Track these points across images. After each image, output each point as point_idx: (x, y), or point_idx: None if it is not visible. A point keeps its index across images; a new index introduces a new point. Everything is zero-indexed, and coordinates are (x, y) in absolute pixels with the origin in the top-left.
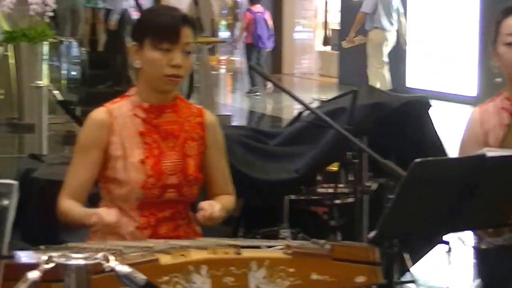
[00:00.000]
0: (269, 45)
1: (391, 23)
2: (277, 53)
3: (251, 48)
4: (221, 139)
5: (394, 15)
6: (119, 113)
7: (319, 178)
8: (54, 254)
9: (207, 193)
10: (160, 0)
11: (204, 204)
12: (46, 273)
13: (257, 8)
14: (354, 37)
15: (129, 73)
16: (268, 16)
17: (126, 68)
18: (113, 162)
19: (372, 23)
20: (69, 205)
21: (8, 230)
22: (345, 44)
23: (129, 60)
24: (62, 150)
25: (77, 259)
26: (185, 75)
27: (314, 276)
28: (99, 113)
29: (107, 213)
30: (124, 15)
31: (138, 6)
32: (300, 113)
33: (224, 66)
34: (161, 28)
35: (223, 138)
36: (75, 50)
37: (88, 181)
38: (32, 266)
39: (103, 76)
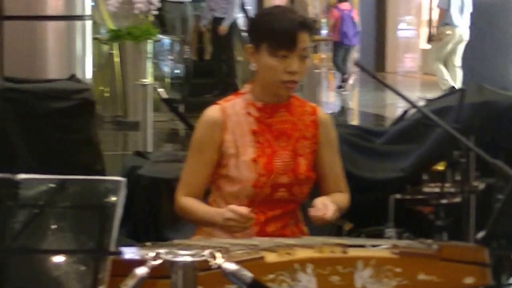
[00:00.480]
0: (355, 42)
1: (461, 19)
2: (380, 51)
3: (338, 46)
4: (334, 137)
5: (466, 12)
6: (232, 111)
7: (425, 177)
8: (161, 250)
9: (320, 191)
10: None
11: (319, 203)
12: (153, 269)
13: (344, 5)
14: (439, 33)
15: (236, 82)
16: (355, 14)
17: (233, 77)
18: (226, 159)
19: (444, 19)
20: (192, 203)
21: (115, 227)
22: (433, 44)
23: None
24: (165, 148)
25: (184, 256)
26: (300, 79)
27: (422, 277)
28: (213, 112)
29: (238, 207)
30: (233, 23)
31: (246, 13)
32: (405, 112)
33: (325, 64)
34: (278, 34)
35: (336, 136)
36: (178, 49)
37: (204, 178)
38: (139, 263)
39: (210, 85)
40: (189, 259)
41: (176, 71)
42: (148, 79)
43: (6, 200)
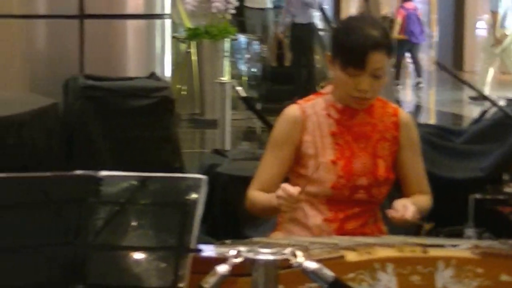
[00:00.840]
0: (421, 40)
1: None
2: (458, 50)
3: (404, 44)
4: (416, 139)
5: None
6: (312, 112)
7: (506, 177)
8: (242, 248)
9: (402, 193)
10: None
11: (398, 205)
12: (233, 267)
13: (410, 4)
14: (498, 37)
15: (316, 89)
16: (419, 12)
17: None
18: (305, 160)
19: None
20: (257, 194)
21: (196, 224)
22: (496, 49)
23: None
24: (242, 146)
25: (266, 254)
26: (375, 96)
27: (504, 277)
28: (292, 110)
29: (289, 186)
30: (313, 26)
31: (326, 18)
32: (485, 111)
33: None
34: (348, 53)
35: (418, 138)
36: (256, 48)
37: (278, 176)
38: (220, 260)
39: (289, 92)
40: (270, 257)
41: (253, 69)
42: (225, 78)
43: (88, 197)
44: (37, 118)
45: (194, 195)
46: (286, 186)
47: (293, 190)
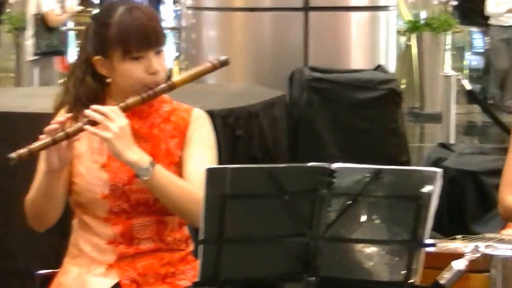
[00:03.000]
0: None
1: None
2: None
3: None
4: None
5: None
6: None
7: None
8: (479, 244)
9: None
10: None
11: None
12: (469, 263)
13: None
14: None
15: None
16: None
17: None
18: None
19: None
20: None
21: (430, 218)
22: None
23: None
24: (464, 141)
25: (505, 250)
26: None
27: None
28: None
29: None
30: None
31: None
32: None
33: None
34: None
35: None
36: (479, 41)
37: None
38: (454, 256)
39: None
40: (510, 253)
41: (473, 63)
42: (448, 71)
43: (320, 188)
44: (265, 109)
45: (429, 188)
46: None
47: None
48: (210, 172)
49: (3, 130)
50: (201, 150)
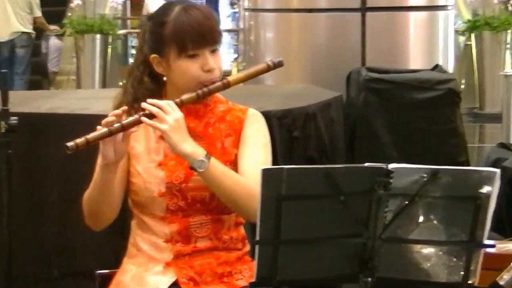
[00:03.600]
0: None
1: None
2: None
3: None
4: None
5: None
6: None
7: None
8: None
9: None
10: None
11: None
12: None
13: None
14: None
15: None
16: None
17: None
18: None
19: None
20: None
21: (489, 219)
22: None
23: None
24: None
25: None
26: None
27: None
28: None
29: None
30: None
31: None
32: None
33: None
34: None
35: None
36: None
37: None
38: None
39: None
40: None
41: None
42: (507, 70)
43: (377, 189)
44: (322, 110)
45: (487, 189)
46: None
47: None
48: (266, 173)
49: (64, 132)
50: (256, 148)
